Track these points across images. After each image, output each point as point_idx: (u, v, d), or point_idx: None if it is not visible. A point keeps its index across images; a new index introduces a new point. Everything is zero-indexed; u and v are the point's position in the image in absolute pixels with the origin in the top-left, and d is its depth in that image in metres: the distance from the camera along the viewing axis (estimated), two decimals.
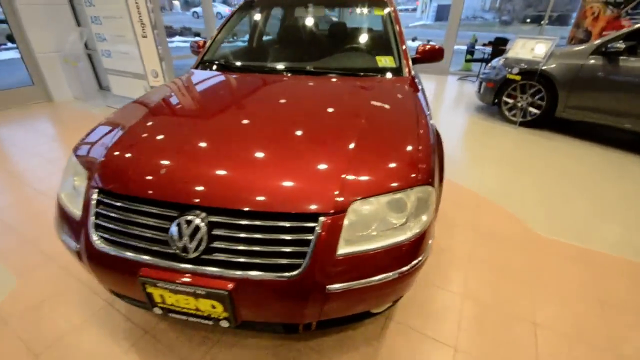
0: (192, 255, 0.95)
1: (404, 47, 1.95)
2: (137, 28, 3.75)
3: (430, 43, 2.06)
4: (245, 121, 1.32)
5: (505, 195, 2.51)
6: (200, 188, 0.99)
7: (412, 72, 1.89)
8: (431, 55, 2.03)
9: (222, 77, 1.85)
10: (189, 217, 0.95)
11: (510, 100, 3.95)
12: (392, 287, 1.03)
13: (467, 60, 6.36)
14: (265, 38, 2.55)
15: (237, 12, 2.28)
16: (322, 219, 0.95)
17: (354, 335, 1.40)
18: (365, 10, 2.22)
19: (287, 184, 1.00)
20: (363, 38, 2.26)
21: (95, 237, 1.04)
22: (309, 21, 2.37)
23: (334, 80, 1.77)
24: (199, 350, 1.32)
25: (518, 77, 3.67)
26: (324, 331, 1.40)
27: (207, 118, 1.41)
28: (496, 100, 4.06)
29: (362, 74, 1.80)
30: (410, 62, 1.91)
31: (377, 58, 1.91)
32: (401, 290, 1.12)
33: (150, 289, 0.99)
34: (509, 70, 3.73)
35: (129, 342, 1.35)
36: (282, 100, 1.55)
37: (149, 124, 1.35)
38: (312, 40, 2.29)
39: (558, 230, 2.12)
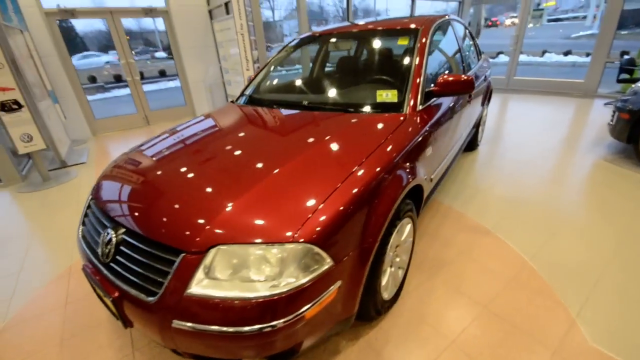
0: (104, 260, 1.19)
1: (418, 80, 1.75)
2: (243, 63, 4.59)
3: (455, 74, 1.74)
4: (195, 157, 1.49)
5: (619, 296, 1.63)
6: (124, 209, 1.23)
7: (419, 107, 1.67)
8: (454, 88, 1.73)
9: (226, 113, 2.03)
10: (108, 229, 1.20)
11: None
12: (240, 343, 0.99)
13: (619, 81, 4.75)
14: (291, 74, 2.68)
15: (280, 52, 2.54)
16: (182, 255, 1.02)
17: None
18: (392, 41, 2.09)
19: (170, 217, 1.12)
20: (375, 71, 2.12)
21: (80, 229, 1.44)
22: (330, 56, 2.41)
23: (316, 116, 1.76)
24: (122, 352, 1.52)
25: None
26: None
27: (178, 155, 1.56)
28: (632, 139, 2.91)
29: (352, 110, 1.72)
30: (419, 97, 1.70)
31: (378, 92, 1.78)
32: (257, 350, 1.03)
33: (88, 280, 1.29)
34: None
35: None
36: (245, 136, 1.65)
37: (135, 159, 1.61)
38: (327, 75, 2.32)
39: None
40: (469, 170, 3.14)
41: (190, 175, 1.33)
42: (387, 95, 1.75)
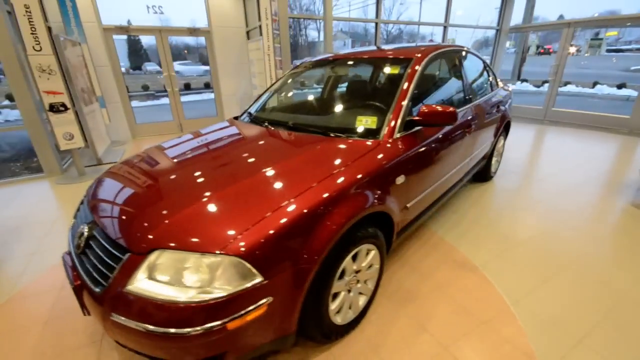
0: (76, 251, 1.34)
1: (400, 108, 1.77)
2: (268, 80, 4.85)
3: (439, 104, 1.73)
4: (166, 170, 1.60)
5: None
6: (100, 208, 1.39)
7: (397, 135, 1.69)
8: (435, 118, 1.72)
9: (212, 130, 2.13)
10: (84, 224, 1.35)
11: None
12: (164, 344, 1.05)
13: None
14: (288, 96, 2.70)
15: (284, 76, 2.68)
16: (128, 254, 1.12)
17: None
18: (385, 69, 2.13)
19: (127, 219, 1.24)
20: (365, 97, 2.15)
21: (72, 222, 1.62)
22: (327, 81, 2.48)
23: (294, 137, 1.82)
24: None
25: None
26: None
27: (155, 167, 1.68)
28: None
29: (331, 134, 1.77)
30: (397, 125, 1.72)
31: (358, 118, 1.81)
32: (181, 353, 1.08)
33: None
34: None
35: None
36: (216, 152, 1.75)
37: (123, 168, 1.73)
38: (319, 99, 2.40)
39: None
40: (474, 202, 3.00)
41: (156, 185, 1.46)
42: (367, 122, 1.78)
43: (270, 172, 1.42)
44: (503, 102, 3.20)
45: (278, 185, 1.32)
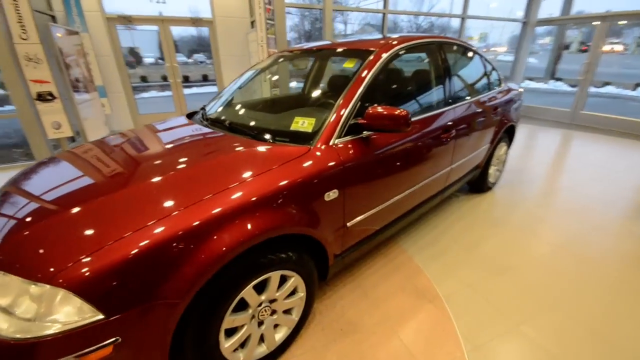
0: None
1: (343, 109, 1.50)
2: None
3: (387, 107, 1.44)
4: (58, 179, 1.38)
5: None
6: None
7: (335, 141, 1.43)
8: (383, 122, 1.43)
9: (139, 131, 1.88)
10: None
11: None
12: None
13: None
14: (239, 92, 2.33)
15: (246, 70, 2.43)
16: None
17: None
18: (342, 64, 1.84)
19: None
20: (316, 96, 1.87)
21: None
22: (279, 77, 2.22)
23: (214, 140, 1.61)
24: None
25: None
26: None
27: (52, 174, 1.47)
28: None
29: (261, 136, 1.53)
30: (337, 129, 1.46)
31: (296, 119, 1.56)
32: None
33: None
34: None
35: None
36: (128, 156, 1.52)
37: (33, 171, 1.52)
38: (267, 97, 2.14)
39: None
40: (461, 217, 2.65)
41: (35, 196, 1.27)
42: (303, 124, 1.52)
43: (161, 181, 1.21)
44: (505, 104, 2.80)
45: (160, 198, 1.11)
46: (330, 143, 1.43)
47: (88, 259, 0.90)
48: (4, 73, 3.61)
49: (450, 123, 2.06)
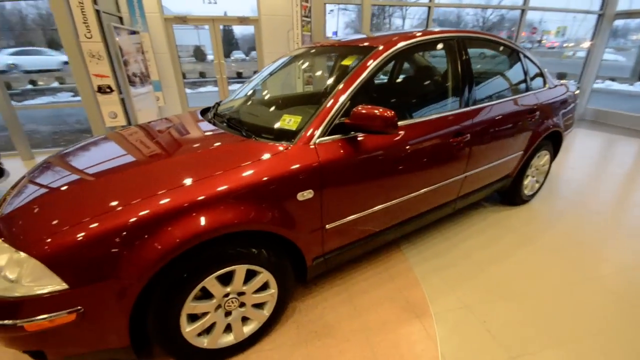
0: None
1: (330, 107, 1.46)
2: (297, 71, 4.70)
3: (373, 106, 1.36)
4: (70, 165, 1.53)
5: None
6: None
7: (317, 140, 1.41)
8: (367, 122, 1.36)
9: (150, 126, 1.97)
10: None
11: None
12: None
13: None
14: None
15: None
16: None
17: None
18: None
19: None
20: (313, 93, 1.82)
21: None
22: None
23: (214, 136, 1.65)
24: None
25: None
26: None
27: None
28: None
29: (249, 133, 1.55)
30: (320, 128, 1.43)
31: (284, 117, 1.55)
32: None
33: None
34: None
35: None
36: (123, 150, 1.60)
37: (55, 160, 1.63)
38: (269, 94, 2.13)
39: None
40: (480, 231, 2.42)
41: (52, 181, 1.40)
42: (290, 122, 1.51)
43: (139, 171, 1.32)
44: (548, 107, 2.47)
45: (127, 188, 1.19)
46: (312, 142, 1.40)
47: (64, 232, 1.02)
48: (72, 67, 4.18)
49: (464, 127, 1.88)
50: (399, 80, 1.88)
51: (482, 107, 2.01)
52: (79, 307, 1.04)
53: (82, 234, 1.01)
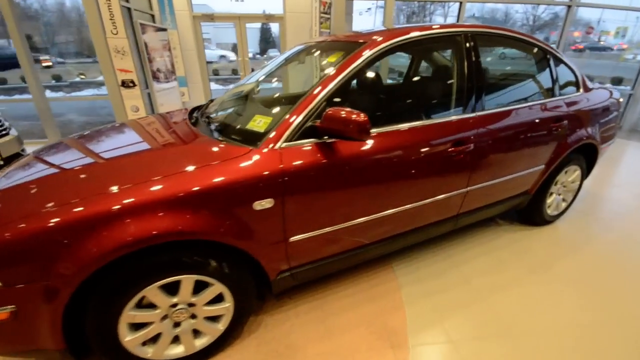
0: None
1: (302, 108, 1.33)
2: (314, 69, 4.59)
3: (346, 109, 1.20)
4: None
5: None
6: None
7: (282, 144, 1.28)
8: (340, 126, 1.22)
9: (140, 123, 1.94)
10: None
11: None
12: None
13: None
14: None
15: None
16: None
17: None
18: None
19: None
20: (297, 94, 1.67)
21: None
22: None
23: (187, 136, 1.56)
24: None
25: None
26: None
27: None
28: None
29: (219, 134, 1.46)
30: (287, 131, 1.31)
31: (255, 117, 1.44)
32: None
33: None
34: None
35: None
36: (109, 144, 1.60)
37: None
38: (257, 92, 2.01)
39: None
40: (487, 252, 2.14)
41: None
42: (259, 123, 1.40)
43: (82, 170, 1.28)
44: (580, 115, 2.14)
45: (70, 187, 1.14)
46: (277, 146, 1.28)
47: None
48: (100, 62, 4.39)
49: (466, 135, 1.65)
50: (389, 82, 1.69)
51: (491, 114, 1.76)
52: (13, 306, 1.02)
53: (9, 233, 0.98)
